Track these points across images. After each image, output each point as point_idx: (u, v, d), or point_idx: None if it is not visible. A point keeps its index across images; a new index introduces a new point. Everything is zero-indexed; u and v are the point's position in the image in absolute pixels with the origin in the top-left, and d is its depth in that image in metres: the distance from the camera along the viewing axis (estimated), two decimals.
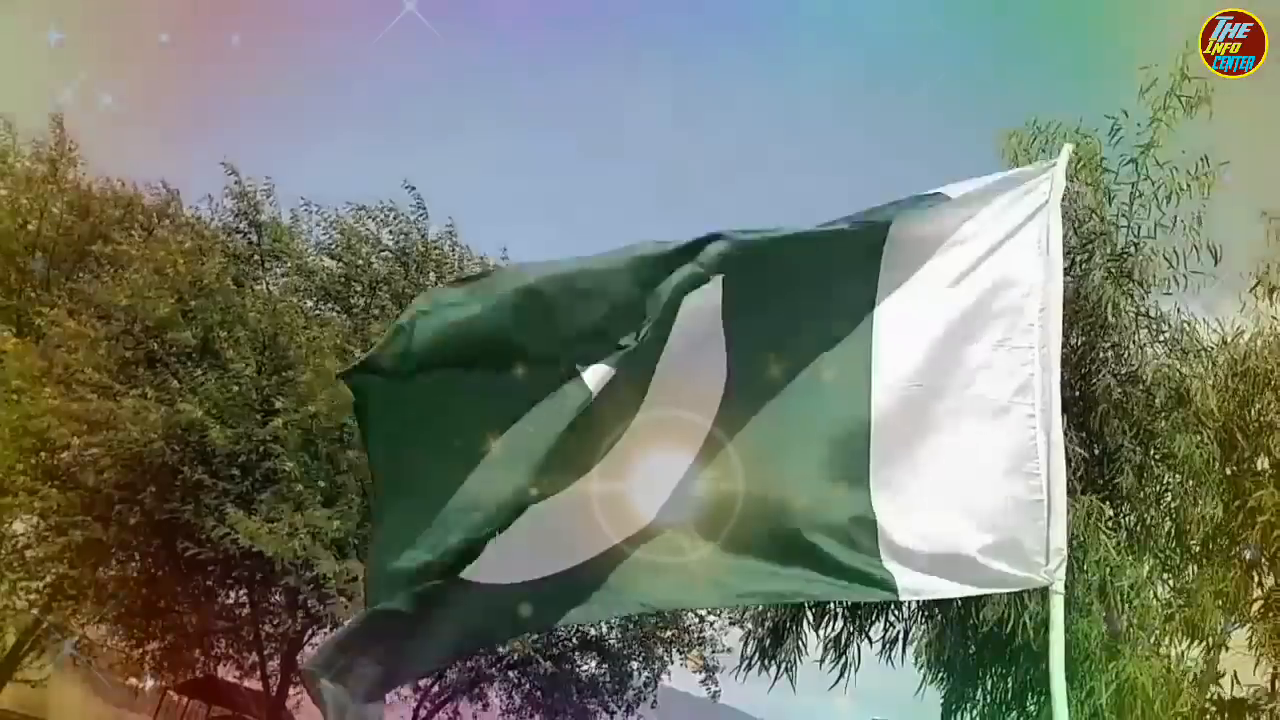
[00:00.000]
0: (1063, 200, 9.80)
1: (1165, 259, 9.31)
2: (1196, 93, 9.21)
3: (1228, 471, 9.10)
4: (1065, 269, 9.24)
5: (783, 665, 10.46)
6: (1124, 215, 9.45)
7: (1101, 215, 9.29)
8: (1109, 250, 9.31)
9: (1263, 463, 9.17)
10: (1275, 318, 9.36)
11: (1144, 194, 9.40)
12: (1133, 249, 9.36)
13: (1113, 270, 9.31)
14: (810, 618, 10.29)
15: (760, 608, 10.29)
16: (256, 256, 16.76)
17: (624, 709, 19.62)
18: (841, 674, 10.26)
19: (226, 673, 20.91)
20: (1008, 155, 9.44)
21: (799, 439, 3.47)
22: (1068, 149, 3.90)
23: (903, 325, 3.54)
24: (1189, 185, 9.26)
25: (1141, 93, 9.35)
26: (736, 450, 3.43)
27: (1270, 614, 8.98)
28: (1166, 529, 9.32)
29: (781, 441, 3.46)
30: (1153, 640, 8.82)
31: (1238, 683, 9.34)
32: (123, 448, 14.01)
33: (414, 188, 17.23)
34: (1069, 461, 8.46)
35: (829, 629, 10.39)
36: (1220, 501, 8.72)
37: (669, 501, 3.43)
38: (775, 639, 10.45)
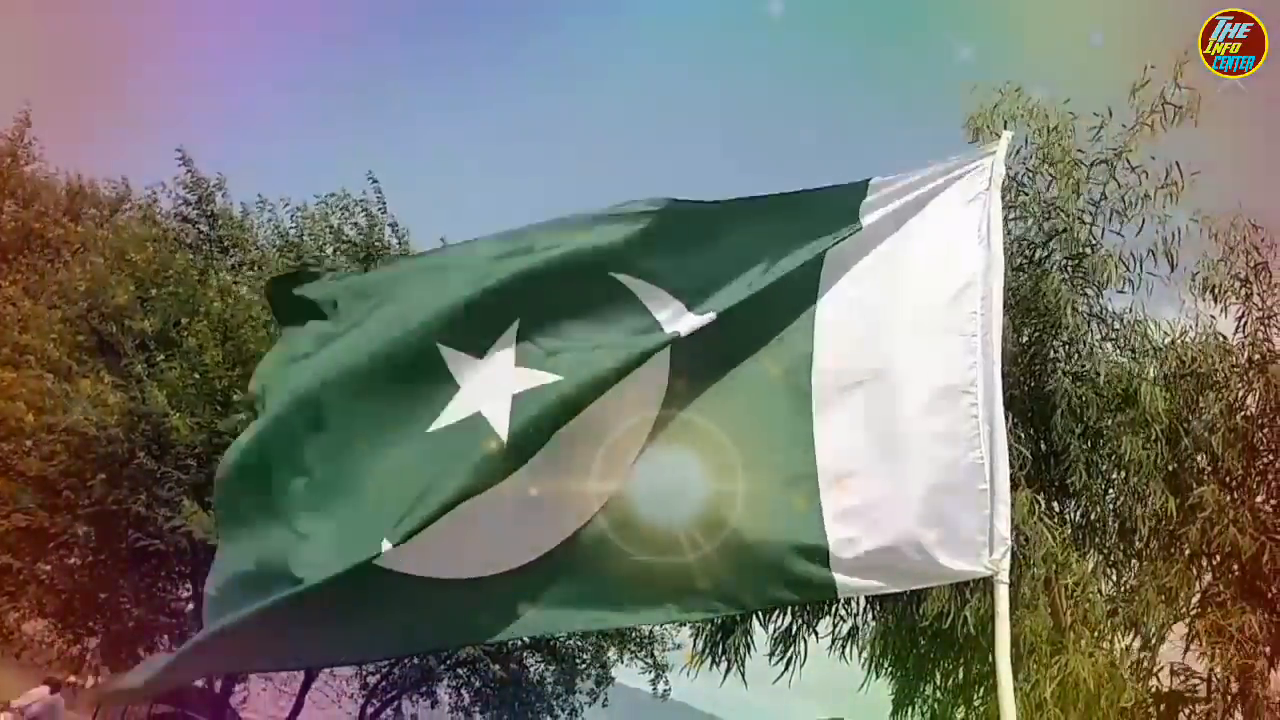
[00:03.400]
0: (1028, 193, 9.79)
1: (1123, 261, 9.39)
2: (1187, 104, 9.03)
3: (1170, 468, 9.22)
4: (1022, 265, 9.40)
5: (732, 660, 10.46)
6: (1089, 214, 9.48)
7: (1067, 212, 9.32)
8: (1070, 249, 9.37)
9: (1203, 460, 9.31)
10: (1214, 316, 9.50)
11: (1109, 196, 9.46)
12: (1089, 250, 9.42)
13: (1070, 269, 9.39)
14: (760, 615, 10.24)
15: None
16: (206, 246, 16.44)
17: (569, 712, 19.56)
18: (786, 667, 10.28)
19: None
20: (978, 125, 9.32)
21: (746, 439, 3.41)
22: (1007, 135, 3.86)
23: (843, 320, 3.51)
24: (1155, 193, 9.30)
25: (1134, 92, 9.28)
26: (683, 448, 3.38)
27: (1207, 610, 9.13)
28: (1111, 525, 9.45)
29: (728, 441, 3.41)
30: (1095, 635, 8.93)
31: (1175, 675, 9.49)
32: (74, 433, 13.67)
33: (375, 180, 17.05)
34: (1018, 458, 8.56)
35: (778, 623, 10.41)
36: (1167, 496, 8.84)
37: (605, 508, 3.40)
38: (724, 634, 10.45)
